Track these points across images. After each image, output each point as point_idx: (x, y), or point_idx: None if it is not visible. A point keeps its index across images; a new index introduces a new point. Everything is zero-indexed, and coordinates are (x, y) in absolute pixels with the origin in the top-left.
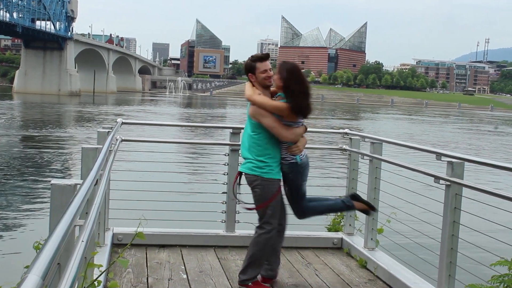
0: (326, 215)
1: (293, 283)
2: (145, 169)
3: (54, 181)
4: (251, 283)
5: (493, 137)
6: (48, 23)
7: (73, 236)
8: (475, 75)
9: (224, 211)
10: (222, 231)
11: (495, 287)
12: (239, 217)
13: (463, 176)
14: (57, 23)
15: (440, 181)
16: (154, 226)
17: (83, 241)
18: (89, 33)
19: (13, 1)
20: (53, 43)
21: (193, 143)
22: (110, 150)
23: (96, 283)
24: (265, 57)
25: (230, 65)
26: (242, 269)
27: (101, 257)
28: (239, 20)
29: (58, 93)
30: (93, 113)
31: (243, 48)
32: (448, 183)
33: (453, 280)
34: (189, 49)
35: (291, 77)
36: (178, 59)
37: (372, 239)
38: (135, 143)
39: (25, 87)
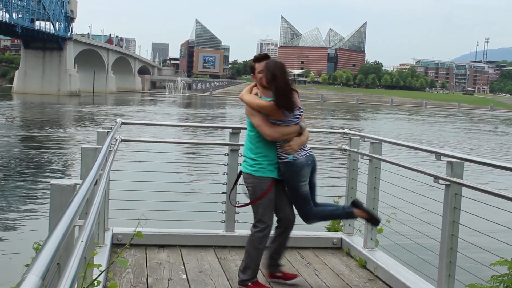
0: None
1: (293, 283)
2: (145, 169)
3: (53, 181)
4: (250, 283)
5: (493, 137)
6: (47, 23)
7: (72, 236)
8: (474, 75)
9: (223, 211)
10: (221, 231)
11: (494, 287)
12: (239, 217)
13: (463, 176)
14: (57, 23)
15: (439, 181)
16: (153, 226)
17: (82, 241)
18: (88, 33)
19: (13, 1)
20: (53, 43)
21: (193, 143)
22: (109, 150)
23: (95, 283)
24: (262, 58)
25: (229, 65)
26: (241, 269)
27: (101, 257)
28: (239, 20)
29: (57, 93)
30: (93, 113)
31: (242, 48)
32: (447, 183)
33: (453, 280)
34: (189, 49)
35: (272, 75)
36: (177, 59)
37: (371, 239)
38: (135, 143)
39: (25, 87)
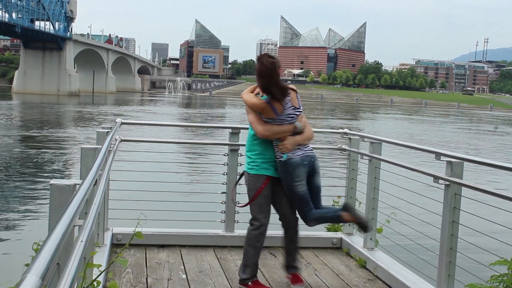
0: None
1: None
2: (145, 169)
3: (53, 181)
4: (250, 283)
5: (493, 137)
6: (47, 23)
7: (72, 236)
8: (474, 75)
9: (223, 211)
10: (221, 231)
11: (494, 287)
12: (239, 217)
13: (463, 176)
14: (56, 23)
15: (439, 181)
16: (153, 226)
17: (82, 241)
18: (88, 33)
19: (12, 1)
20: (52, 43)
21: (193, 143)
22: (109, 150)
23: (95, 283)
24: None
25: (229, 65)
26: (240, 268)
27: (101, 257)
28: (238, 20)
29: (57, 93)
30: (93, 113)
31: (242, 48)
32: (447, 183)
33: (453, 280)
34: (188, 49)
35: (257, 71)
36: (177, 59)
37: (371, 239)
38: (135, 143)
39: (24, 87)
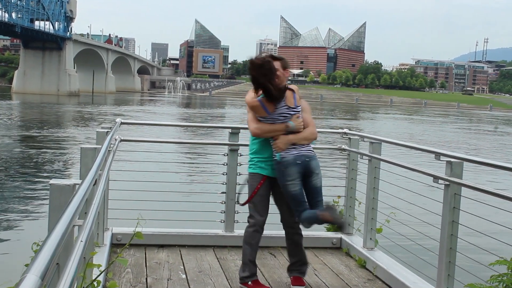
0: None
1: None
2: (144, 169)
3: (53, 181)
4: (250, 282)
5: (493, 137)
6: (47, 23)
7: (72, 236)
8: (474, 75)
9: (223, 211)
10: (221, 231)
11: (494, 286)
12: (238, 217)
13: (462, 175)
14: (56, 23)
15: (439, 180)
16: (153, 226)
17: (82, 241)
18: (88, 33)
19: (12, 1)
20: (52, 43)
21: (192, 143)
22: (109, 150)
23: (95, 283)
24: (276, 58)
25: (229, 65)
26: (241, 267)
27: (100, 257)
28: (238, 20)
29: (57, 93)
30: (92, 113)
31: (242, 48)
32: (447, 183)
33: (452, 279)
34: (188, 49)
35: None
36: (177, 59)
37: (371, 239)
38: (134, 143)
39: (24, 87)
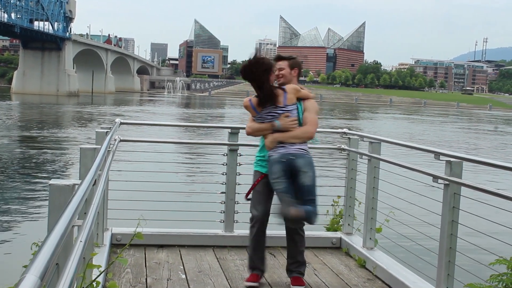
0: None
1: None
2: (144, 169)
3: (52, 181)
4: (249, 275)
5: (493, 136)
6: (46, 23)
7: (71, 236)
8: (473, 74)
9: (222, 211)
10: (220, 231)
11: (493, 286)
12: (238, 217)
13: (462, 175)
14: (55, 23)
15: (438, 180)
16: (152, 226)
17: (81, 241)
18: (87, 34)
19: (11, 1)
20: (51, 44)
21: (192, 143)
22: (108, 150)
23: (95, 283)
24: (277, 58)
25: (228, 65)
26: None
27: (100, 258)
28: (238, 20)
29: (56, 94)
30: (92, 114)
31: (241, 48)
32: (446, 183)
33: (452, 279)
34: (188, 49)
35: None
36: (176, 59)
37: (371, 238)
38: (134, 143)
39: (24, 87)
